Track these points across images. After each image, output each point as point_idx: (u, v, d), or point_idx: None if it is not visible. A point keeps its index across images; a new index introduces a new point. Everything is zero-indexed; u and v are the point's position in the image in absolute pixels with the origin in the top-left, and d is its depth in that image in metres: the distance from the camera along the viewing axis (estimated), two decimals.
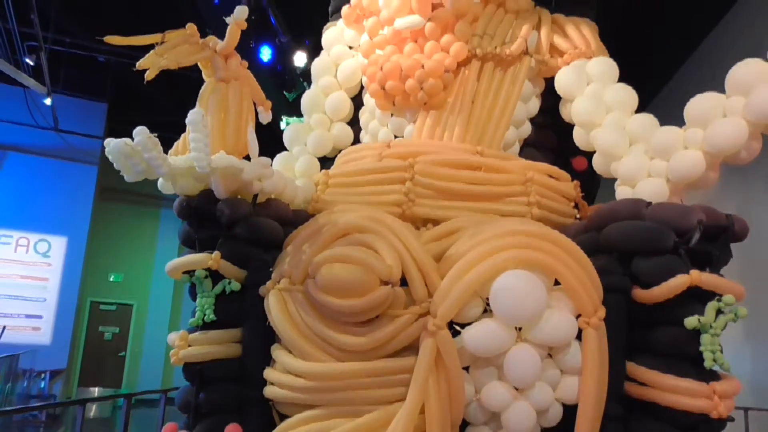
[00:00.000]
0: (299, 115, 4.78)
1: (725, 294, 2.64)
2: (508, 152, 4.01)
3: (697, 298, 2.68)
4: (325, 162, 4.42)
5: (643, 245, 2.82)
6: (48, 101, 9.22)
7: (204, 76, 3.39)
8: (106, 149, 2.63)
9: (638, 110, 3.64)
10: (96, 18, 9.07)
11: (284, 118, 7.75)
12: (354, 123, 4.50)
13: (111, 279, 13.20)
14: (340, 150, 4.31)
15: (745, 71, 3.00)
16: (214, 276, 3.07)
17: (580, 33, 4.05)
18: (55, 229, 10.99)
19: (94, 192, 11.34)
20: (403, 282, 2.79)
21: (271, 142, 4.35)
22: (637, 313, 2.83)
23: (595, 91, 3.69)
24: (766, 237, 4.28)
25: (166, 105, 10.21)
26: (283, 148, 4.54)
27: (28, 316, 10.79)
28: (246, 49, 6.54)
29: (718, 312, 2.63)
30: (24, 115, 9.77)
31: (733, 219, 2.78)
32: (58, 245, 11.05)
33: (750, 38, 5.30)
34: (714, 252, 2.74)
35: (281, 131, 5.03)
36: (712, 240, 2.74)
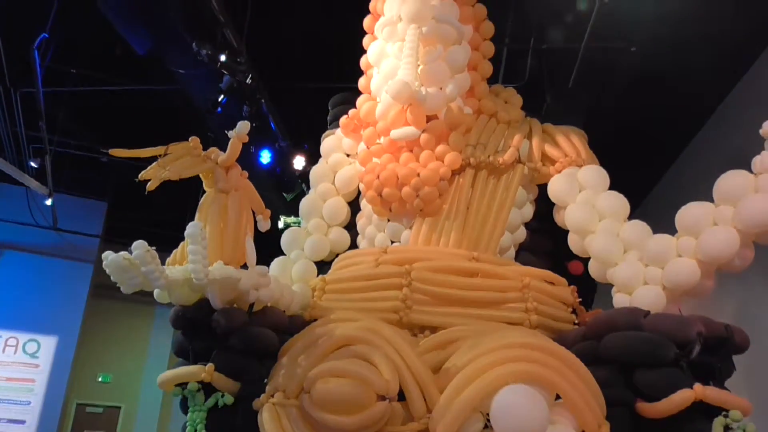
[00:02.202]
0: (297, 214, 4.85)
1: (732, 409, 2.58)
2: (504, 257, 4.05)
3: (704, 412, 2.62)
4: (322, 266, 4.43)
5: (644, 357, 2.78)
6: (49, 201, 9.34)
7: (204, 186, 3.46)
8: (104, 263, 2.64)
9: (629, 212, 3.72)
10: (100, 121, 9.36)
11: (282, 218, 7.85)
12: (351, 228, 4.55)
13: (99, 380, 12.77)
14: (337, 254, 4.34)
15: (732, 182, 3.10)
16: (207, 388, 2.99)
17: (570, 142, 4.19)
18: (45, 328, 10.76)
19: (88, 290, 11.23)
20: (401, 395, 2.73)
21: (269, 239, 4.37)
22: (642, 428, 2.75)
23: (587, 199, 3.78)
24: None
25: (166, 202, 10.32)
26: (280, 248, 4.57)
27: (10, 421, 10.34)
28: (246, 153, 6.72)
29: (726, 428, 2.56)
30: (24, 214, 9.85)
31: (732, 330, 2.77)
32: (47, 345, 10.76)
33: (733, 143, 5.49)
34: (716, 364, 2.70)
35: (279, 230, 5.08)
36: (712, 352, 2.72)
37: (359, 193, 4.43)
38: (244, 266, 3.27)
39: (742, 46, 5.38)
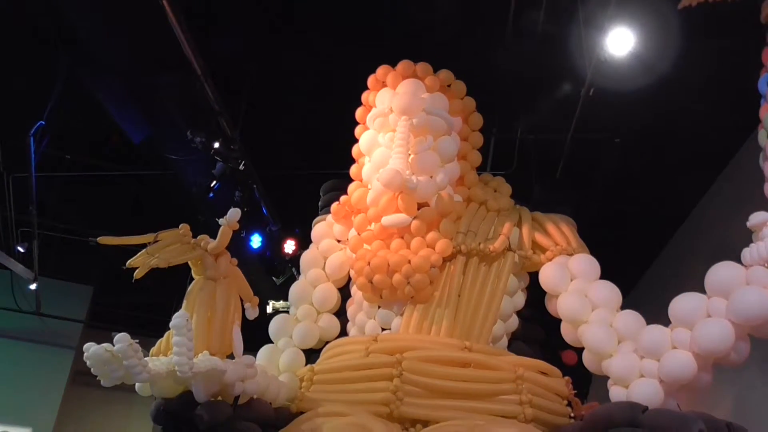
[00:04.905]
0: (286, 298, 4.78)
1: None
2: (497, 346, 3.98)
3: None
4: (311, 353, 4.32)
5: None
6: (33, 286, 9.16)
7: (193, 274, 3.42)
8: (85, 355, 2.55)
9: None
10: (91, 205, 9.36)
11: (271, 303, 7.75)
12: (341, 314, 4.48)
13: None
14: (327, 342, 4.25)
15: (723, 274, 3.10)
16: None
17: (560, 230, 4.22)
18: (19, 419, 10.22)
19: (67, 378, 10.83)
20: None
21: (257, 323, 4.28)
22: None
23: (579, 288, 3.77)
24: None
25: (152, 287, 10.17)
26: (268, 331, 4.46)
27: None
28: (236, 237, 6.74)
29: None
30: (6, 299, 9.63)
31: (735, 428, 2.68)
32: None
33: (719, 232, 5.55)
34: None
35: (268, 315, 4.98)
36: None
37: (350, 279, 4.40)
38: (231, 356, 3.18)
39: (726, 136, 5.54)
